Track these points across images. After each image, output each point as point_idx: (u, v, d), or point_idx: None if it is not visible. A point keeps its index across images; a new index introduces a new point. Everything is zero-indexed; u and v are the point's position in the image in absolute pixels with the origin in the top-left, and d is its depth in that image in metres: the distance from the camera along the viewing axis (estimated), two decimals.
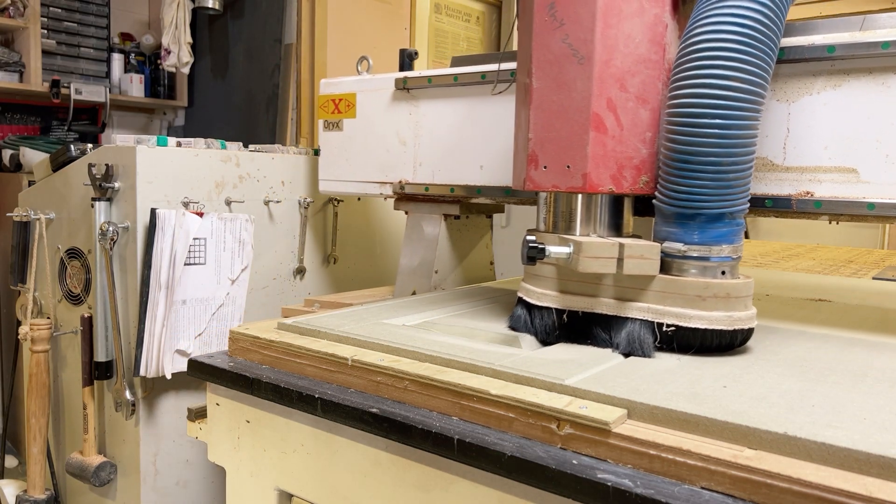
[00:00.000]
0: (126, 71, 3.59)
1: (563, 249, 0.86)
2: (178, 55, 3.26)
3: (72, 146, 1.68)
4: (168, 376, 1.52)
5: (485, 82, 1.33)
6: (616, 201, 0.94)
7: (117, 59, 3.56)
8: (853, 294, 1.40)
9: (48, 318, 1.73)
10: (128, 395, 1.55)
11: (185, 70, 3.34)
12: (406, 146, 1.49)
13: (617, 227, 0.95)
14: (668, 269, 0.87)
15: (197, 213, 1.54)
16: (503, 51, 1.29)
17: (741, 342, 0.87)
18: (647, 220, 1.03)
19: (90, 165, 1.52)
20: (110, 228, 1.50)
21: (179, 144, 1.64)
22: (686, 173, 0.83)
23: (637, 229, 1.00)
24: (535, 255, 0.85)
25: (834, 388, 0.74)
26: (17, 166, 2.81)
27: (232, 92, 3.44)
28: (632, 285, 0.88)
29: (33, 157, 2.61)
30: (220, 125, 3.51)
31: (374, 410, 0.78)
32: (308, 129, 3.11)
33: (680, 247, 0.86)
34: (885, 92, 0.91)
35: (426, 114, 1.45)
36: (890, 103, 0.91)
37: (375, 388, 0.83)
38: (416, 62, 1.60)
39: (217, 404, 1.00)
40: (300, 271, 1.90)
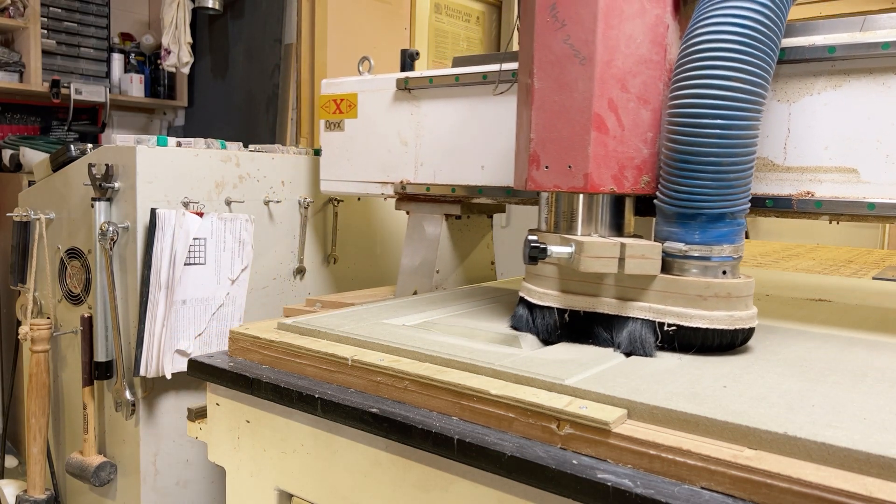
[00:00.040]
0: (126, 71, 3.58)
1: (565, 249, 0.86)
2: (178, 55, 3.26)
3: (72, 146, 1.68)
4: (168, 376, 1.52)
5: (486, 82, 1.33)
6: (617, 201, 0.95)
7: (117, 59, 3.56)
8: (853, 294, 1.40)
9: (48, 318, 1.73)
10: (128, 395, 1.55)
11: (185, 70, 3.34)
12: (407, 146, 1.49)
13: (618, 226, 0.95)
14: (669, 268, 0.87)
15: (197, 213, 1.54)
16: (503, 51, 1.29)
17: (742, 341, 0.87)
18: (648, 219, 1.04)
19: (90, 165, 1.52)
20: (110, 228, 1.50)
21: (179, 144, 1.64)
22: (687, 173, 0.83)
23: (638, 229, 1.00)
24: (537, 255, 0.85)
25: (834, 388, 0.74)
26: (17, 166, 2.81)
27: (232, 92, 3.44)
28: (633, 285, 0.88)
29: (33, 157, 2.61)
30: (220, 125, 3.51)
31: (374, 410, 0.78)
32: (308, 129, 3.11)
33: (681, 246, 0.86)
34: (885, 92, 0.91)
35: (428, 114, 1.45)
36: (890, 104, 0.91)
37: (375, 388, 0.83)
38: (416, 62, 1.60)
39: (217, 404, 1.00)
40: (300, 271, 1.90)
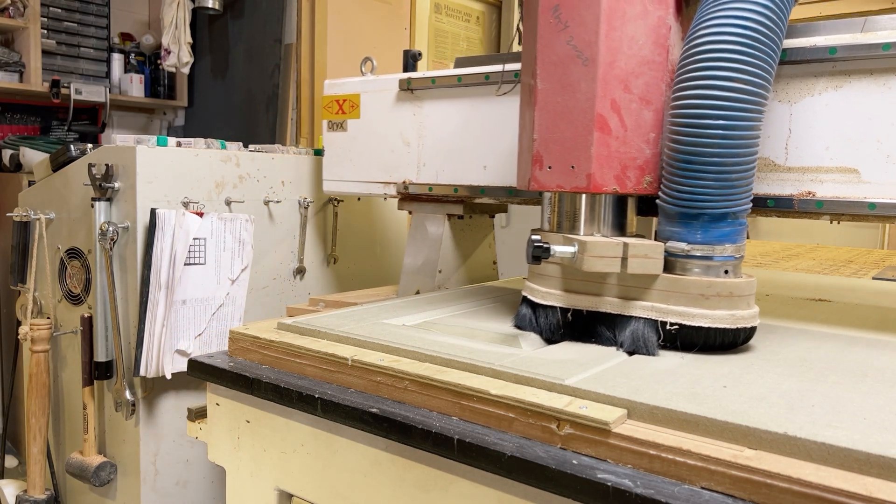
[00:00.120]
0: (126, 71, 3.58)
1: (568, 249, 0.86)
2: (178, 55, 3.26)
3: (72, 146, 1.68)
4: (168, 376, 1.52)
5: (488, 83, 1.33)
6: (620, 201, 0.95)
7: (117, 59, 3.56)
8: (853, 294, 1.40)
9: (48, 318, 1.73)
10: (128, 395, 1.55)
11: (185, 70, 3.34)
12: (410, 146, 1.49)
13: (621, 226, 0.95)
14: (671, 268, 0.87)
15: (197, 213, 1.53)
16: (503, 51, 1.29)
17: (744, 340, 0.87)
18: (650, 219, 1.04)
19: (90, 165, 1.52)
20: (110, 228, 1.50)
21: (179, 144, 1.64)
22: (689, 173, 0.84)
23: (639, 229, 1.00)
24: (540, 255, 0.86)
25: (834, 387, 0.73)
26: (17, 166, 2.81)
27: (232, 92, 3.44)
28: (636, 284, 0.88)
29: (33, 157, 2.61)
30: (220, 125, 3.51)
31: (374, 410, 0.78)
32: (308, 129, 3.11)
33: (683, 246, 0.86)
34: (886, 93, 0.91)
35: (430, 114, 1.45)
36: (891, 104, 0.91)
37: (375, 388, 0.83)
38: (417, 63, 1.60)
39: (217, 404, 1.00)
40: (300, 271, 1.90)
